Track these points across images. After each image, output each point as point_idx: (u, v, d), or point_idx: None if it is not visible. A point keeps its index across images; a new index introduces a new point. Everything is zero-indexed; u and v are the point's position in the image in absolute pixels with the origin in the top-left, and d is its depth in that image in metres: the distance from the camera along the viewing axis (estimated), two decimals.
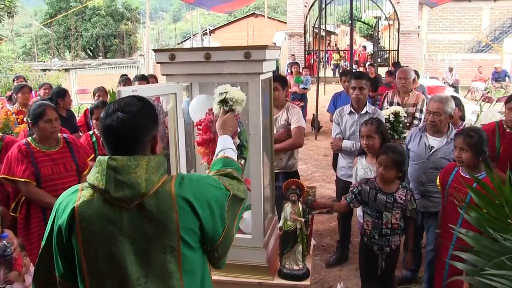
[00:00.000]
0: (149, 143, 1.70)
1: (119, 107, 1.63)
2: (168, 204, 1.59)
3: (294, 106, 4.61)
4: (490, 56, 22.56)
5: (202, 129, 2.82)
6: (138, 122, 1.63)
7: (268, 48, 2.60)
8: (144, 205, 1.58)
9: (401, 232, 3.41)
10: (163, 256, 1.60)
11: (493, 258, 1.58)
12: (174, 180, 1.65)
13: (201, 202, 1.65)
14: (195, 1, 9.54)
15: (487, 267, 1.56)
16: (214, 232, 1.71)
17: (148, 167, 1.60)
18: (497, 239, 1.59)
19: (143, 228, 1.59)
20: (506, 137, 3.78)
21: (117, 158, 1.59)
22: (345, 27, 29.58)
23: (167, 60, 2.72)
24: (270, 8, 41.67)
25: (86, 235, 1.59)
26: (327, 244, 5.20)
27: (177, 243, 1.61)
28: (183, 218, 1.60)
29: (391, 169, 3.29)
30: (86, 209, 1.59)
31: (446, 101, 3.83)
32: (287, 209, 2.89)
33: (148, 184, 1.58)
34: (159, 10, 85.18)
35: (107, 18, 30.36)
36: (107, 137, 1.65)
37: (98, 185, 1.58)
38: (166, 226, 1.59)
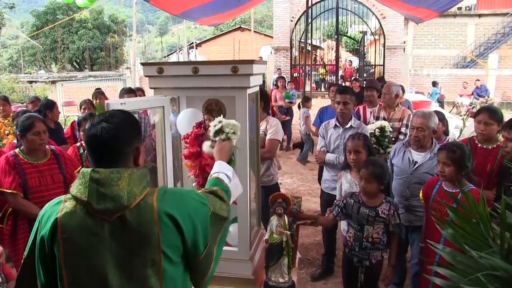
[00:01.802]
0: (132, 154, 1.72)
1: (103, 118, 1.68)
2: (149, 217, 1.60)
3: (274, 119, 4.63)
4: (475, 71, 22.83)
5: (189, 142, 2.85)
6: (121, 132, 1.67)
7: (255, 62, 2.64)
8: (125, 218, 1.59)
9: (384, 247, 3.42)
10: (144, 270, 1.60)
11: (469, 274, 1.59)
12: (156, 193, 1.66)
13: (184, 216, 1.65)
14: (181, 13, 9.55)
15: (462, 284, 1.59)
16: (196, 247, 1.70)
17: (130, 180, 1.61)
18: (472, 256, 1.63)
19: (124, 241, 1.60)
20: (478, 152, 3.82)
21: (100, 171, 1.60)
22: (331, 42, 29.84)
23: (155, 74, 2.74)
24: (256, 22, 41.97)
25: (68, 246, 1.60)
26: (313, 258, 5.21)
27: (158, 257, 1.61)
28: (164, 231, 1.60)
29: (371, 182, 3.31)
30: (68, 220, 1.60)
31: (429, 117, 3.89)
32: (273, 222, 2.92)
33: (130, 197, 1.59)
34: (145, 23, 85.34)
35: (94, 30, 30.36)
36: (90, 146, 1.68)
37: (81, 197, 1.59)
38: (147, 239, 1.59)
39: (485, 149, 3.80)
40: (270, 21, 32.40)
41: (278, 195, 2.97)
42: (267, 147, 4.40)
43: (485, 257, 1.62)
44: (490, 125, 3.75)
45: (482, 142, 3.83)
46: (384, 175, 3.36)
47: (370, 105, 5.91)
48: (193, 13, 9.55)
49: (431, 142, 3.95)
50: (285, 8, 21.79)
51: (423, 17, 11.09)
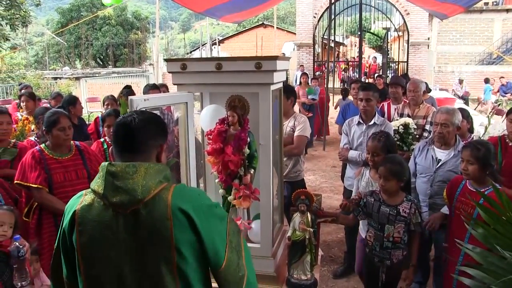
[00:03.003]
0: (155, 149, 1.75)
1: (134, 112, 1.77)
2: (163, 212, 1.59)
3: (302, 116, 4.64)
4: (502, 68, 22.42)
5: (212, 138, 2.85)
6: (148, 125, 1.73)
7: (279, 58, 2.63)
8: (139, 212, 1.60)
9: (404, 246, 3.37)
10: (158, 267, 1.60)
11: (501, 275, 1.55)
12: (172, 188, 1.66)
13: (199, 213, 1.63)
14: (204, 11, 9.56)
15: (494, 285, 1.55)
16: (215, 249, 1.66)
17: (146, 174, 1.62)
18: (504, 257, 1.58)
19: (138, 235, 1.60)
20: (509, 151, 3.74)
21: (117, 164, 1.64)
22: (354, 38, 29.61)
23: (178, 70, 2.74)
24: (279, 18, 41.80)
25: (84, 238, 1.62)
26: (335, 255, 5.19)
27: (172, 254, 1.59)
28: (177, 227, 1.59)
29: (390, 180, 3.26)
30: (85, 213, 1.63)
31: (453, 113, 3.83)
32: (296, 219, 2.90)
33: (145, 191, 1.59)
34: (168, 19, 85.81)
35: (117, 27, 30.62)
36: (117, 135, 1.73)
37: (98, 190, 1.61)
38: (160, 234, 1.59)
39: None
40: (293, 18, 32.31)
41: (301, 192, 2.95)
42: (295, 143, 4.43)
43: None
44: None
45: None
46: (403, 172, 3.30)
47: (394, 101, 5.86)
48: (216, 10, 9.55)
49: (455, 140, 3.88)
50: (308, 4, 21.70)
51: (448, 13, 10.89)
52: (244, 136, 2.79)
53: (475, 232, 1.77)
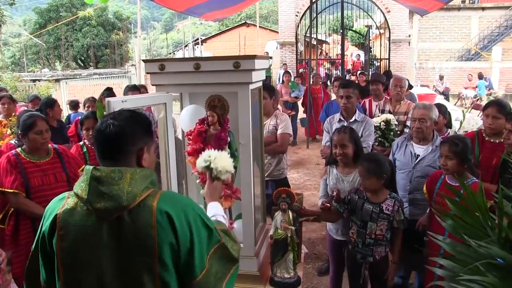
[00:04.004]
0: (135, 154, 1.70)
1: (112, 116, 1.70)
2: (147, 219, 1.56)
3: (283, 114, 4.67)
4: (480, 64, 22.84)
5: (192, 139, 2.83)
6: (124, 130, 1.66)
7: (257, 57, 2.62)
8: (124, 219, 1.56)
9: (387, 243, 3.41)
10: (140, 275, 1.57)
11: (468, 264, 1.63)
12: (159, 195, 1.63)
13: (181, 220, 1.60)
14: (185, 10, 9.52)
15: (462, 273, 1.61)
16: (191, 263, 1.61)
17: (132, 180, 1.59)
18: (471, 246, 1.64)
19: (121, 242, 1.57)
20: (486, 145, 3.79)
21: (102, 169, 1.60)
22: (336, 36, 29.75)
23: (157, 70, 2.72)
24: (261, 17, 41.83)
25: (65, 243, 1.59)
26: (319, 252, 5.21)
27: (154, 261, 1.56)
28: (161, 234, 1.56)
29: (369, 178, 3.28)
30: (67, 217, 1.60)
31: (430, 108, 3.88)
32: (277, 218, 2.90)
33: (130, 197, 1.57)
34: (150, 19, 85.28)
35: (98, 28, 30.31)
36: (96, 141, 1.69)
37: (81, 195, 1.58)
38: (143, 242, 1.56)
39: (492, 143, 3.77)
40: (276, 16, 32.29)
41: (282, 190, 2.95)
42: (279, 141, 4.45)
43: (484, 246, 1.64)
44: (498, 119, 3.71)
45: (490, 136, 3.80)
46: (381, 169, 3.30)
47: (375, 98, 5.91)
48: (197, 8, 9.51)
49: (432, 135, 3.92)
50: (290, 3, 21.74)
51: (428, 8, 10.99)
52: (224, 136, 2.78)
53: (445, 223, 1.82)
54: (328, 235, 3.92)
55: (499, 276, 1.56)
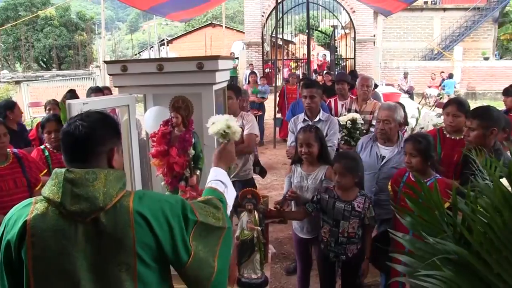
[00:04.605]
0: (105, 154, 1.67)
1: (79, 117, 1.66)
2: (125, 219, 1.55)
3: (249, 114, 4.66)
4: (442, 63, 23.44)
5: (156, 140, 2.79)
6: (94, 131, 1.63)
7: (221, 58, 2.61)
8: (100, 220, 1.54)
9: (359, 240, 3.43)
10: (118, 273, 1.56)
11: (426, 259, 1.68)
12: (133, 195, 1.62)
13: (159, 219, 1.60)
14: (150, 9, 9.40)
15: (420, 268, 1.65)
16: (176, 254, 1.64)
17: (106, 181, 1.57)
18: (429, 242, 1.69)
19: (98, 244, 1.55)
20: (447, 142, 3.86)
21: (75, 171, 1.56)
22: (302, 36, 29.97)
23: (119, 72, 2.69)
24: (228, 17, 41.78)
25: (37, 250, 1.53)
26: (287, 252, 5.22)
27: (133, 260, 1.56)
28: (139, 234, 1.56)
29: (346, 175, 3.31)
30: (39, 223, 1.54)
31: (395, 109, 3.92)
32: (243, 219, 2.89)
33: (106, 198, 1.55)
34: (115, 20, 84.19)
35: (61, 28, 29.60)
36: (63, 144, 1.65)
37: (54, 198, 1.53)
38: (121, 242, 1.55)
39: (453, 139, 3.84)
40: (242, 17, 32.36)
41: (247, 191, 2.94)
42: (246, 142, 4.43)
43: (440, 242, 1.68)
44: (458, 117, 3.79)
45: (450, 133, 3.88)
46: (357, 167, 3.36)
47: (341, 98, 5.96)
48: (162, 8, 9.40)
49: (397, 136, 3.97)
50: (256, 3, 21.82)
51: (392, 9, 11.18)
52: (189, 137, 2.75)
53: (405, 221, 1.86)
54: (294, 234, 3.93)
55: (454, 270, 1.61)
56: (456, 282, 1.57)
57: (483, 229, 1.55)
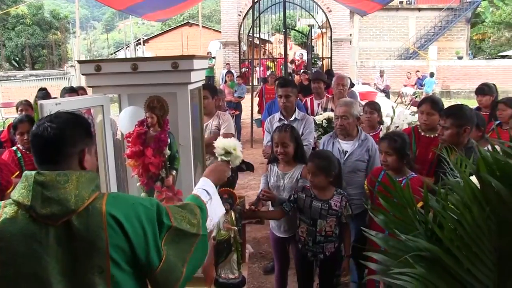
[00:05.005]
0: (76, 156, 1.65)
1: (48, 119, 1.63)
2: (98, 222, 1.53)
3: (225, 114, 4.65)
4: (418, 62, 23.79)
5: (131, 141, 2.77)
6: (64, 132, 1.61)
7: (196, 57, 2.60)
8: (72, 223, 1.51)
9: (336, 239, 3.44)
10: (91, 277, 1.53)
11: (399, 257, 1.70)
12: (106, 197, 1.60)
13: (132, 222, 1.58)
14: (126, 9, 9.30)
15: (392, 266, 1.68)
16: (148, 258, 1.62)
17: (78, 183, 1.55)
18: (402, 240, 1.71)
19: (70, 247, 1.52)
20: (422, 140, 3.92)
21: (46, 173, 1.53)
22: (279, 35, 30.03)
23: (93, 72, 2.65)
24: (204, 17, 41.65)
25: (6, 255, 1.50)
26: (265, 251, 5.22)
27: (107, 263, 1.53)
28: (112, 236, 1.53)
29: (318, 175, 3.31)
30: (7, 227, 1.50)
31: (352, 105, 3.99)
32: (219, 219, 2.88)
33: (78, 201, 1.52)
34: (90, 19, 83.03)
35: (34, 27, 29.08)
36: (33, 146, 1.62)
37: (23, 202, 1.50)
38: (94, 245, 1.52)
39: (427, 137, 3.90)
40: (219, 16, 32.27)
41: (223, 191, 2.93)
42: None
43: (412, 239, 1.71)
44: (432, 115, 3.85)
45: (425, 131, 3.94)
46: (330, 167, 3.36)
47: (317, 97, 5.99)
48: (138, 8, 9.31)
49: (356, 130, 4.02)
50: (233, 2, 21.81)
51: (368, 10, 11.31)
52: (164, 138, 2.73)
53: (378, 219, 1.88)
54: (271, 233, 3.93)
55: (426, 267, 1.64)
56: (428, 279, 1.60)
57: (453, 225, 1.59)
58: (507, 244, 1.50)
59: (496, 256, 1.53)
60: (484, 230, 1.50)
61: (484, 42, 33.29)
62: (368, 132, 4.38)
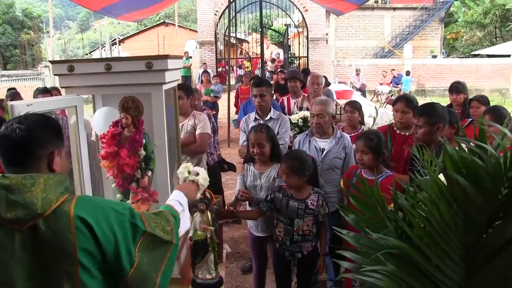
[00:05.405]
0: (46, 158, 1.62)
1: (17, 120, 1.60)
2: (66, 225, 1.49)
3: (201, 114, 4.64)
4: (393, 61, 24.10)
5: (105, 142, 2.75)
6: (33, 134, 1.58)
7: (170, 57, 2.59)
8: (39, 227, 1.48)
9: (313, 237, 3.46)
10: (59, 283, 1.49)
11: (370, 255, 1.73)
12: (75, 200, 1.56)
13: (102, 226, 1.54)
14: (100, 9, 9.20)
15: (364, 264, 1.70)
16: (119, 263, 1.58)
17: (46, 186, 1.52)
18: (373, 238, 1.74)
19: (37, 252, 1.49)
20: (397, 138, 3.96)
21: (11, 176, 1.51)
22: (256, 35, 30.06)
23: (65, 72, 2.62)
24: (180, 16, 41.43)
25: None
26: (243, 251, 5.23)
27: (75, 268, 1.49)
28: (80, 240, 1.49)
29: (292, 175, 3.32)
30: None
31: (327, 103, 4.03)
32: (196, 219, 2.87)
33: (45, 204, 1.48)
34: (65, 18, 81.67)
35: (5, 26, 28.42)
36: (1, 147, 1.59)
37: None
38: (62, 250, 1.48)
39: (403, 135, 3.94)
40: (195, 15, 32.18)
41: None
42: (198, 141, 4.42)
43: (382, 237, 1.73)
44: (407, 113, 3.89)
45: (400, 129, 3.99)
46: (303, 167, 3.36)
47: (294, 95, 6.01)
48: (114, 9, 9.22)
49: (332, 128, 4.06)
50: (209, 2, 21.75)
51: (343, 10, 11.42)
52: (139, 138, 2.72)
53: (348, 218, 1.91)
54: (248, 232, 3.94)
55: (397, 264, 1.67)
56: (399, 276, 1.62)
57: (422, 223, 1.62)
58: (474, 239, 1.54)
59: (463, 251, 1.57)
60: (451, 226, 1.53)
61: (457, 41, 33.97)
62: (349, 132, 4.42)
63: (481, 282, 1.57)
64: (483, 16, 29.84)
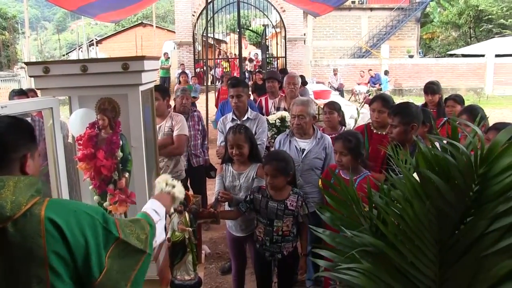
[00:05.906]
0: (18, 161, 1.59)
1: None
2: (35, 228, 1.46)
3: (178, 115, 4.62)
4: (371, 61, 24.33)
5: (82, 144, 2.73)
6: (3, 136, 1.56)
7: (146, 58, 2.58)
8: (7, 230, 1.45)
9: (294, 238, 3.47)
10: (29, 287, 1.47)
11: (346, 252, 1.75)
12: (46, 203, 1.53)
13: (73, 229, 1.51)
14: (77, 9, 9.08)
15: (340, 262, 1.72)
16: (88, 268, 1.54)
17: (15, 188, 1.49)
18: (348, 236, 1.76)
19: (5, 256, 1.46)
20: (374, 138, 4.01)
21: None
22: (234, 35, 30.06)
23: (41, 74, 2.59)
24: (158, 17, 41.19)
25: None
26: (222, 252, 5.22)
27: (45, 272, 1.46)
28: (50, 243, 1.47)
29: (277, 176, 3.32)
30: None
31: (308, 104, 4.05)
32: (174, 220, 2.87)
33: (14, 207, 1.46)
34: (41, 19, 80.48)
35: None
36: None
37: None
38: (31, 252, 1.45)
39: (379, 134, 3.99)
40: (173, 16, 32.02)
41: None
42: (176, 143, 4.41)
43: (357, 235, 1.76)
44: (383, 113, 3.94)
45: (377, 128, 4.03)
46: (288, 167, 3.38)
47: (271, 96, 6.03)
48: (90, 8, 9.10)
49: (313, 129, 4.09)
50: (187, 2, 21.69)
51: (320, 12, 11.49)
52: (116, 140, 2.70)
53: (324, 216, 1.93)
54: (228, 232, 3.93)
55: (372, 262, 1.69)
56: (374, 273, 1.65)
57: (396, 220, 1.64)
58: (447, 236, 1.58)
59: (437, 248, 1.60)
60: (425, 223, 1.56)
61: (433, 41, 34.50)
62: (330, 133, 4.40)
63: (454, 278, 1.60)
64: (458, 17, 30.41)
